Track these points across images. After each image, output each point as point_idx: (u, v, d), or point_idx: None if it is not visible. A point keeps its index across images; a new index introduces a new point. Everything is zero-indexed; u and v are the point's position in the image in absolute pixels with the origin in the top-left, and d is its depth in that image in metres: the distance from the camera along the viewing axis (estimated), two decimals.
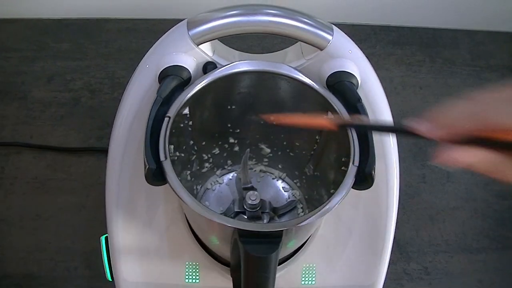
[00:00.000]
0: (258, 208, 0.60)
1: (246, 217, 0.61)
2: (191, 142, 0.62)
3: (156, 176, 0.49)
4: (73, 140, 1.00)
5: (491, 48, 1.17)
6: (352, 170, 0.50)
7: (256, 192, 0.60)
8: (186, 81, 0.58)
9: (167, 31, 0.61)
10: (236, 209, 0.61)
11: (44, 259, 0.88)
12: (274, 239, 0.47)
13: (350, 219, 0.63)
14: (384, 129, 0.49)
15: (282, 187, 0.68)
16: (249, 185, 0.63)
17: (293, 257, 0.64)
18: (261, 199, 0.60)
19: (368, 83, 0.60)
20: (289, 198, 0.67)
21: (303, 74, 0.56)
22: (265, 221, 0.61)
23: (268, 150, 0.68)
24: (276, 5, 0.59)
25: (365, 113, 0.53)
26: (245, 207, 0.60)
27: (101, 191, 0.63)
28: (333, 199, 0.48)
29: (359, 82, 0.59)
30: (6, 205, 0.93)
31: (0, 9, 1.14)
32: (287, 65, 0.56)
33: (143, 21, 1.15)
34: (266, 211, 0.61)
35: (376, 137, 0.52)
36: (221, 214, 0.62)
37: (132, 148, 0.60)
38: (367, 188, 0.50)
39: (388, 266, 0.65)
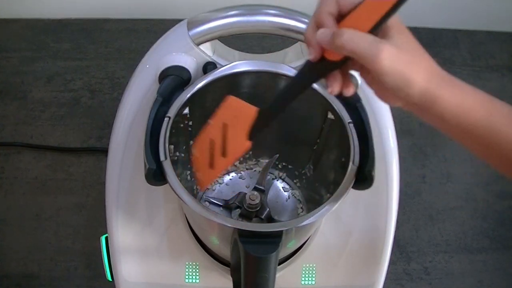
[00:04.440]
0: (255, 209, 0.60)
1: (240, 211, 0.61)
2: (191, 142, 0.62)
3: (156, 176, 0.49)
4: (73, 140, 1.00)
5: (491, 48, 1.17)
6: (352, 170, 0.50)
7: (257, 193, 0.60)
8: (186, 81, 0.58)
9: (167, 31, 0.61)
10: (237, 203, 0.61)
11: (44, 259, 0.88)
12: (274, 239, 0.47)
13: (350, 219, 0.63)
14: (297, 85, 0.44)
15: (282, 187, 0.68)
16: (261, 187, 0.63)
17: (293, 257, 0.64)
18: (262, 204, 0.60)
19: None
20: (289, 198, 0.68)
21: None
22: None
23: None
24: (276, 5, 0.59)
25: (365, 113, 0.53)
26: (243, 204, 0.61)
27: (101, 191, 0.63)
28: (333, 199, 0.48)
29: (359, 82, 0.59)
30: (6, 205, 0.93)
31: (0, 9, 1.14)
32: (287, 65, 0.56)
33: (143, 21, 1.15)
34: (262, 217, 0.61)
35: (376, 137, 0.52)
36: (223, 201, 0.62)
37: (132, 148, 0.60)
38: (367, 188, 0.50)
39: (388, 266, 0.65)
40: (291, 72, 0.56)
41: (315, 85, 0.55)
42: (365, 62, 0.39)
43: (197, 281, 0.65)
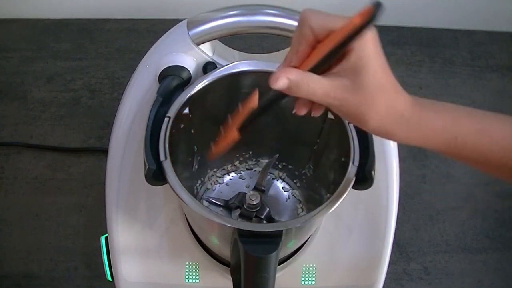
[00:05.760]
0: (255, 209, 0.60)
1: (240, 211, 0.61)
2: (191, 142, 0.62)
3: (156, 176, 0.49)
4: (73, 140, 1.00)
5: (491, 48, 1.17)
6: (352, 170, 0.50)
7: (257, 193, 0.60)
8: (186, 81, 0.58)
9: (167, 31, 0.61)
10: (237, 203, 0.61)
11: (44, 259, 0.88)
12: (274, 239, 0.47)
13: (350, 219, 0.63)
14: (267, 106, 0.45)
15: (282, 187, 0.68)
16: (261, 187, 0.63)
17: (293, 257, 0.64)
18: (262, 204, 0.60)
19: None
20: (289, 198, 0.68)
21: None
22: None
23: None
24: (276, 5, 0.59)
25: None
26: (243, 204, 0.61)
27: (101, 191, 0.63)
28: (333, 199, 0.48)
29: None
30: (6, 205, 0.93)
31: (0, 9, 1.14)
32: None
33: (143, 21, 1.15)
34: (262, 217, 0.61)
35: (376, 137, 0.52)
36: (223, 201, 0.62)
37: (132, 148, 0.60)
38: (367, 188, 0.50)
39: (388, 266, 0.65)
40: None
41: None
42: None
43: (197, 281, 0.65)
